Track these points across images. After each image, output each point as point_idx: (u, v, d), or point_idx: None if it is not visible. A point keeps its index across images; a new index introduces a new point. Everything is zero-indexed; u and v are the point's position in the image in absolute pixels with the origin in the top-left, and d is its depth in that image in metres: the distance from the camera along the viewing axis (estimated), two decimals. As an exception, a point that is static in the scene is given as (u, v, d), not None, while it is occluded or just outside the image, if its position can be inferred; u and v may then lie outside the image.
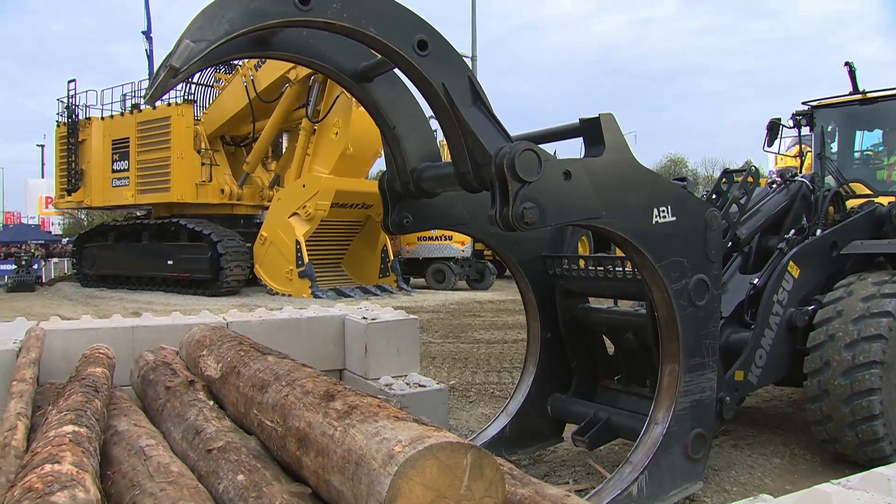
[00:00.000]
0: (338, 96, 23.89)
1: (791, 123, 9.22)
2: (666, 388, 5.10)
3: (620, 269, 5.86)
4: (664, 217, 4.84)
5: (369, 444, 2.72)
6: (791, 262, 6.58)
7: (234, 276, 25.72)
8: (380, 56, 4.47)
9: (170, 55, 3.50)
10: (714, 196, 6.69)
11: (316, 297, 23.12)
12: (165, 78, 3.53)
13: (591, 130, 4.66)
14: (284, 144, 30.89)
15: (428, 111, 4.89)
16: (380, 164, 27.66)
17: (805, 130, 9.39)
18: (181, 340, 5.79)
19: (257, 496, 3.20)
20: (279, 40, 4.29)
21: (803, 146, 11.18)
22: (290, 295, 24.10)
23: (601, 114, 4.60)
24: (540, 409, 6.32)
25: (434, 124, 5.69)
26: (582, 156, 4.77)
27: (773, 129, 8.94)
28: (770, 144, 9.00)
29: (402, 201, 5.23)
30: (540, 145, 4.28)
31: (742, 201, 6.63)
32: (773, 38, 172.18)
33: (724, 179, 6.81)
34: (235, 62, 26.30)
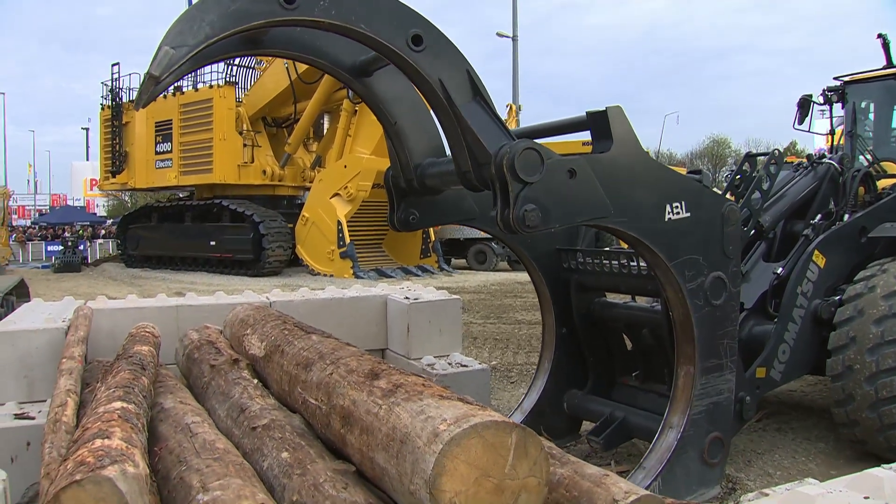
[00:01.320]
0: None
1: (822, 100, 8.87)
2: (681, 390, 4.92)
3: (635, 264, 5.58)
4: (678, 213, 4.63)
5: (414, 422, 2.72)
6: (816, 251, 6.24)
7: (276, 256, 25.91)
8: (376, 51, 4.33)
9: (150, 63, 3.41)
10: (737, 179, 6.50)
11: (357, 277, 23.24)
12: (147, 86, 3.46)
13: (599, 124, 4.46)
14: (326, 125, 30.94)
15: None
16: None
17: (837, 107, 9.04)
18: (225, 319, 5.84)
19: (301, 473, 3.22)
20: (271, 38, 4.14)
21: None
22: (331, 275, 24.25)
23: (609, 107, 4.41)
24: (556, 406, 6.15)
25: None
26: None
27: (804, 106, 8.61)
28: (800, 122, 8.67)
29: (407, 198, 5.07)
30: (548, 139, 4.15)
31: (765, 187, 6.37)
32: (824, 14, 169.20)
33: (746, 164, 6.59)
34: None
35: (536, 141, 4.10)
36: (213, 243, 27.72)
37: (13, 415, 5.32)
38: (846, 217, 6.90)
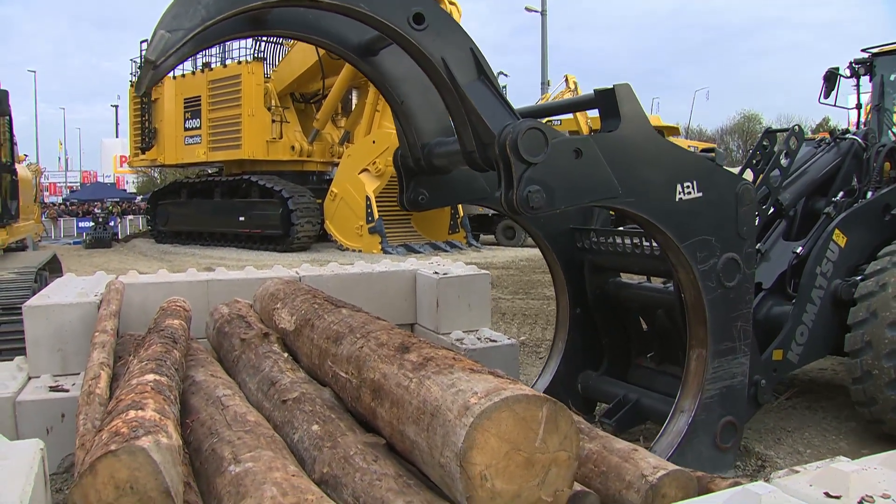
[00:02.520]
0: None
1: (848, 73, 8.45)
2: (693, 374, 4.84)
3: (648, 244, 5.44)
4: (689, 193, 4.51)
5: (445, 395, 2.72)
6: (837, 230, 6.05)
7: (305, 231, 25.98)
8: (379, 30, 4.24)
9: (147, 47, 3.38)
10: (756, 156, 6.33)
11: (386, 252, 23.25)
12: (145, 71, 3.44)
13: (607, 102, 4.35)
14: (354, 101, 30.84)
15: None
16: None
17: (865, 81, 8.56)
18: (255, 293, 5.87)
19: (332, 446, 3.24)
20: (275, 18, 4.06)
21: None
22: (359, 250, 24.29)
23: (616, 84, 4.29)
24: (569, 387, 6.05)
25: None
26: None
27: (830, 79, 8.24)
28: (826, 96, 8.27)
29: (416, 177, 5.01)
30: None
31: (784, 164, 6.18)
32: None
33: (765, 140, 6.39)
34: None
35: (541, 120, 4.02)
36: (242, 219, 27.84)
37: (48, 387, 5.39)
38: (869, 194, 6.71)
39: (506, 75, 46.54)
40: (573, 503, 2.96)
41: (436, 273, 6.90)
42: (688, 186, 4.51)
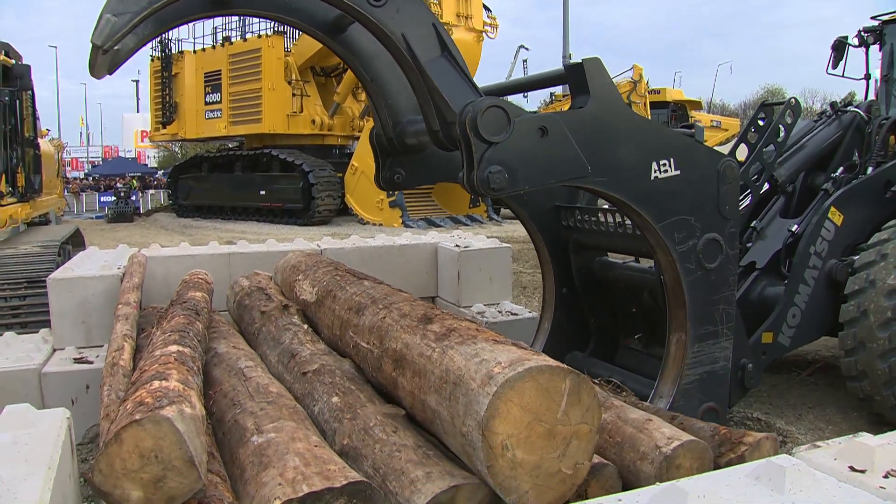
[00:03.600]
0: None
1: (857, 42, 8.05)
2: (672, 359, 4.64)
3: (631, 223, 5.12)
4: (665, 171, 4.27)
5: (468, 364, 2.72)
6: (833, 208, 5.79)
7: (326, 205, 26.01)
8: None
9: (92, 32, 3.27)
10: (752, 131, 5.99)
11: (406, 226, 23.28)
12: (92, 57, 3.34)
13: (576, 78, 4.10)
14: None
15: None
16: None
17: (874, 49, 8.14)
18: (276, 265, 5.89)
19: (352, 417, 3.26)
20: None
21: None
22: (380, 224, 24.31)
23: (585, 59, 4.07)
24: None
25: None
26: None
27: (839, 49, 7.89)
28: (834, 66, 7.94)
29: (392, 156, 4.89)
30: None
31: (780, 139, 5.82)
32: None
33: (761, 114, 6.09)
34: None
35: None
36: (262, 193, 27.90)
37: (72, 359, 5.45)
38: (870, 170, 6.41)
39: (527, 49, 46.30)
40: (591, 475, 2.97)
41: (457, 246, 6.90)
42: (664, 164, 4.29)
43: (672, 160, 4.30)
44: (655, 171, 4.26)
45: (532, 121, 3.81)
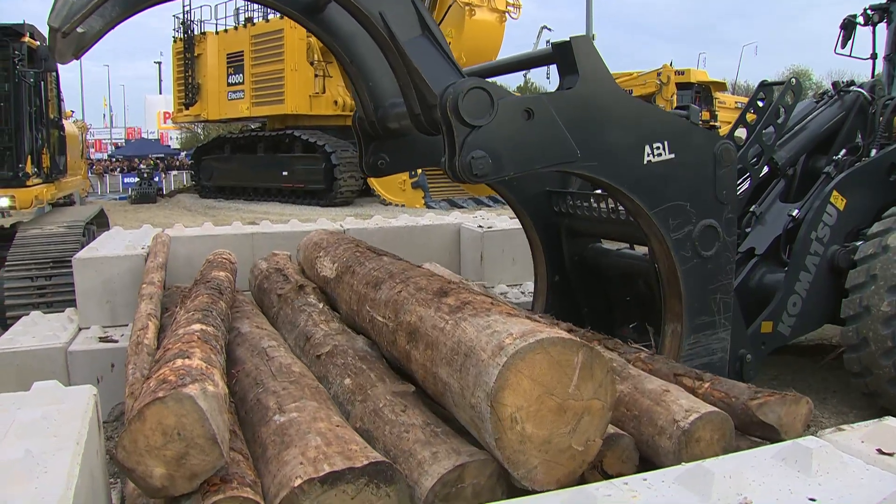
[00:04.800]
0: (450, 5, 23.54)
1: (863, 21, 7.78)
2: (667, 350, 4.41)
3: (623, 208, 4.89)
4: (659, 155, 4.04)
5: (479, 335, 2.69)
6: (835, 192, 5.56)
7: (348, 186, 26.06)
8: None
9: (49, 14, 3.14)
10: (751, 113, 5.84)
11: (429, 207, 23.29)
12: (51, 41, 3.21)
13: (563, 57, 3.88)
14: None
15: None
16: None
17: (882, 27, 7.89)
18: (299, 244, 5.90)
19: (363, 399, 3.26)
20: None
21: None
22: (402, 205, 24.35)
23: (573, 37, 3.84)
24: None
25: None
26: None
27: (848, 27, 7.69)
28: (843, 46, 7.76)
29: (375, 141, 4.73)
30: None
31: (779, 120, 5.63)
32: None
33: (760, 94, 5.89)
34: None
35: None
36: (285, 173, 27.98)
37: (98, 338, 5.50)
38: (874, 152, 6.17)
39: (549, 30, 46.04)
40: (606, 445, 2.93)
41: (480, 227, 6.89)
42: (657, 148, 4.06)
43: (666, 143, 4.09)
44: (648, 155, 4.05)
45: (517, 103, 3.63)
